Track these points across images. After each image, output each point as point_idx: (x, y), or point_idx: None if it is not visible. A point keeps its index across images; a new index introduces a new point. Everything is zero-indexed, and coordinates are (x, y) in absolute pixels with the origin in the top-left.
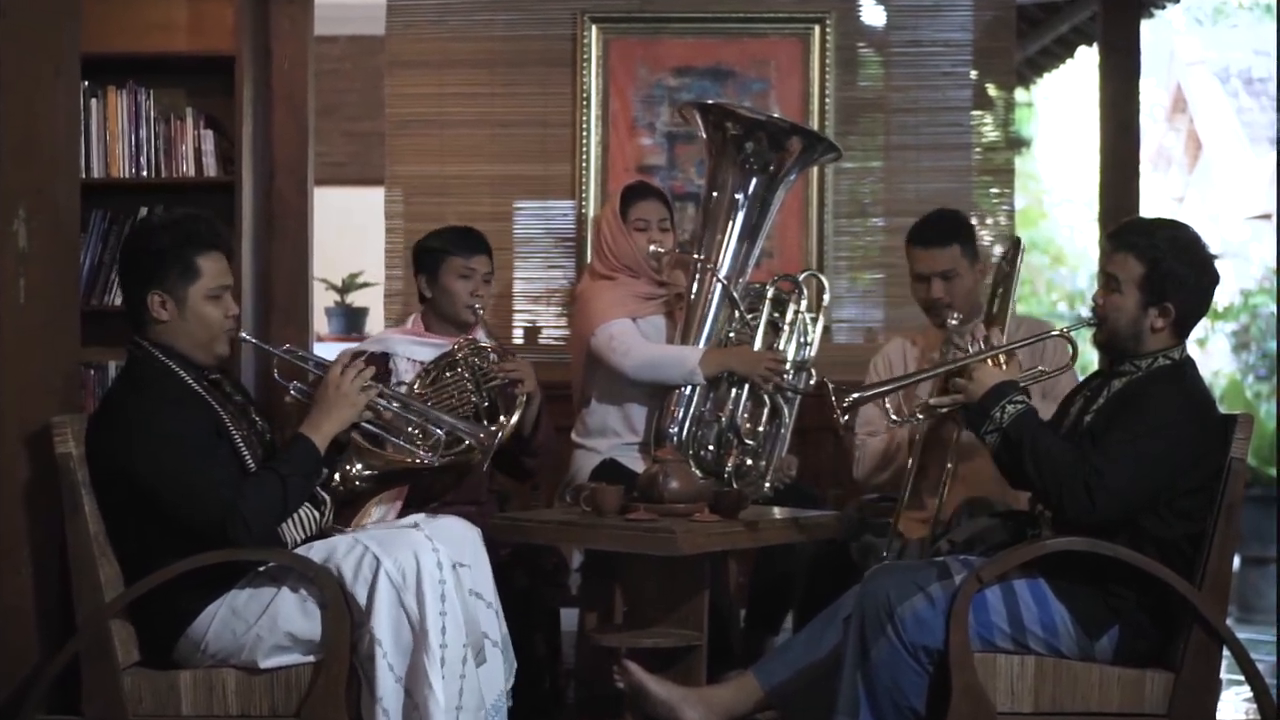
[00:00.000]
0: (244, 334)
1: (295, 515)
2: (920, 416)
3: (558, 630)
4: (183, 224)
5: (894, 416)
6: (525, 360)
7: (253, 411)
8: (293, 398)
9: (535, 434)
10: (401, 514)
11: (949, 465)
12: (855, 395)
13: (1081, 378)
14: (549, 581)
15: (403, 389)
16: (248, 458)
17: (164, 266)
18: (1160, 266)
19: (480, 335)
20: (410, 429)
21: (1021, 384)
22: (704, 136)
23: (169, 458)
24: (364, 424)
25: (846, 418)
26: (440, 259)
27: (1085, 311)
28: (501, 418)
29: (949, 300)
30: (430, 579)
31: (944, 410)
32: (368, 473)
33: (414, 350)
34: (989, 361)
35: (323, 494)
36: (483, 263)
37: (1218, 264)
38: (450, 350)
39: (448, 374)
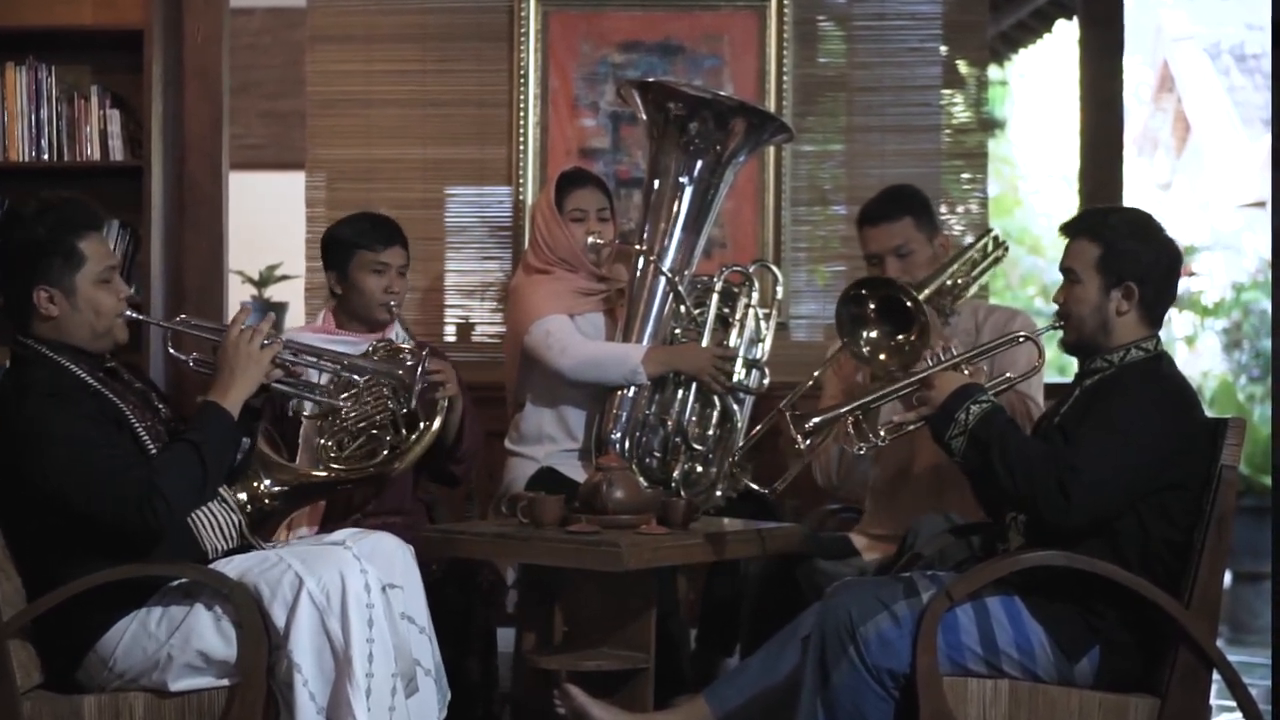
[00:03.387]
0: (130, 312)
1: (214, 521)
2: (885, 438)
3: (494, 653)
4: (55, 210)
5: (858, 443)
6: (446, 361)
7: (156, 399)
8: (193, 370)
9: (460, 440)
10: (323, 528)
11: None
12: (815, 420)
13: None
14: (485, 600)
15: (318, 393)
16: (152, 449)
17: (45, 258)
18: (1115, 245)
19: (397, 331)
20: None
21: (988, 389)
22: (644, 118)
23: (70, 456)
24: (275, 384)
25: (808, 442)
26: (350, 253)
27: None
28: (422, 424)
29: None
30: (357, 602)
31: (911, 428)
32: (277, 489)
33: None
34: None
35: (241, 498)
36: (396, 255)
37: (1208, 256)
38: (365, 353)
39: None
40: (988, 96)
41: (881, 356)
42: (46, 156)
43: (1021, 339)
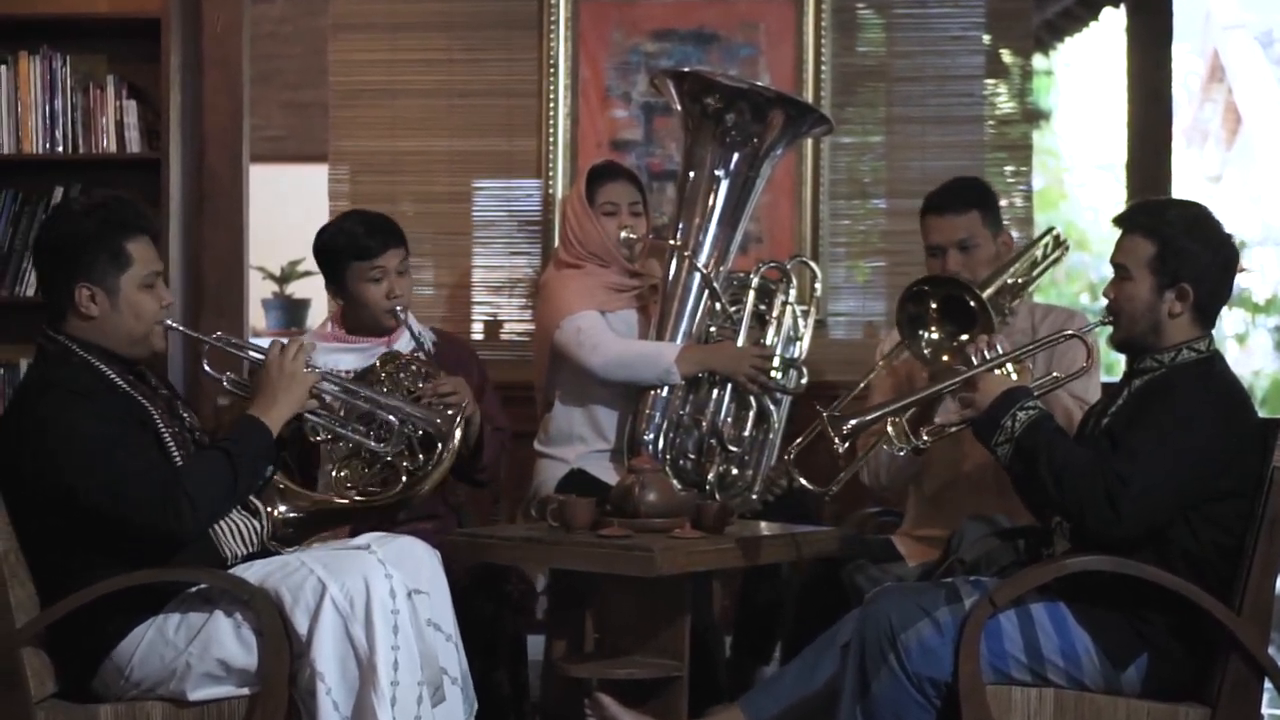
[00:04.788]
0: (169, 321)
1: (235, 526)
2: (928, 440)
3: (524, 661)
4: (106, 207)
5: (899, 445)
6: (457, 378)
7: (180, 407)
8: (227, 391)
9: (480, 453)
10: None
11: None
12: (854, 422)
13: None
14: (515, 608)
15: (350, 429)
16: (176, 456)
17: (90, 255)
18: (1172, 244)
19: (411, 329)
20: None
21: (1036, 392)
22: (679, 109)
23: (93, 454)
24: (308, 414)
25: (847, 446)
26: (344, 264)
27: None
28: (439, 446)
29: (968, 276)
30: (381, 608)
31: (954, 430)
32: (293, 515)
33: (337, 359)
34: (997, 370)
35: (258, 504)
36: (392, 257)
37: (1259, 251)
38: (372, 368)
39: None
40: (1032, 86)
41: (944, 357)
42: (61, 149)
43: (1066, 337)
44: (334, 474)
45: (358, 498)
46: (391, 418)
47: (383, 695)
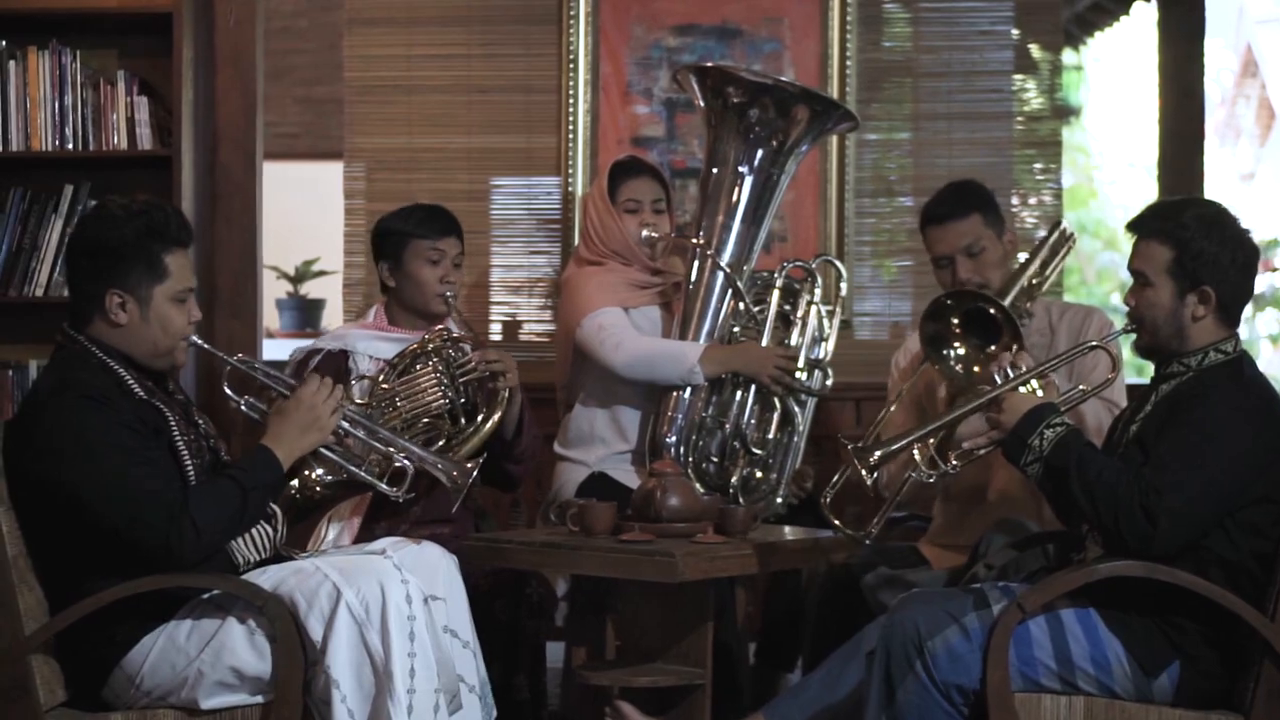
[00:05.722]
0: (194, 337)
1: (249, 532)
2: (957, 465)
3: (543, 668)
4: (148, 214)
5: (928, 472)
6: (507, 352)
7: (196, 414)
8: (245, 414)
9: (519, 437)
10: (362, 531)
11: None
12: (880, 453)
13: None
14: (534, 612)
15: (366, 384)
16: (190, 465)
17: (127, 264)
18: (1190, 247)
19: (451, 328)
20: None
21: (1062, 407)
22: (702, 104)
23: (102, 464)
24: (322, 449)
25: (875, 477)
26: (404, 242)
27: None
28: (481, 415)
29: (981, 281)
30: (397, 614)
31: (982, 452)
32: (330, 478)
33: (377, 347)
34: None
35: (274, 507)
36: (452, 244)
37: None
38: (420, 340)
39: (418, 367)
40: (1062, 82)
41: (975, 370)
42: (71, 146)
43: (1090, 347)
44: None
45: (390, 491)
46: (407, 462)
47: (399, 703)
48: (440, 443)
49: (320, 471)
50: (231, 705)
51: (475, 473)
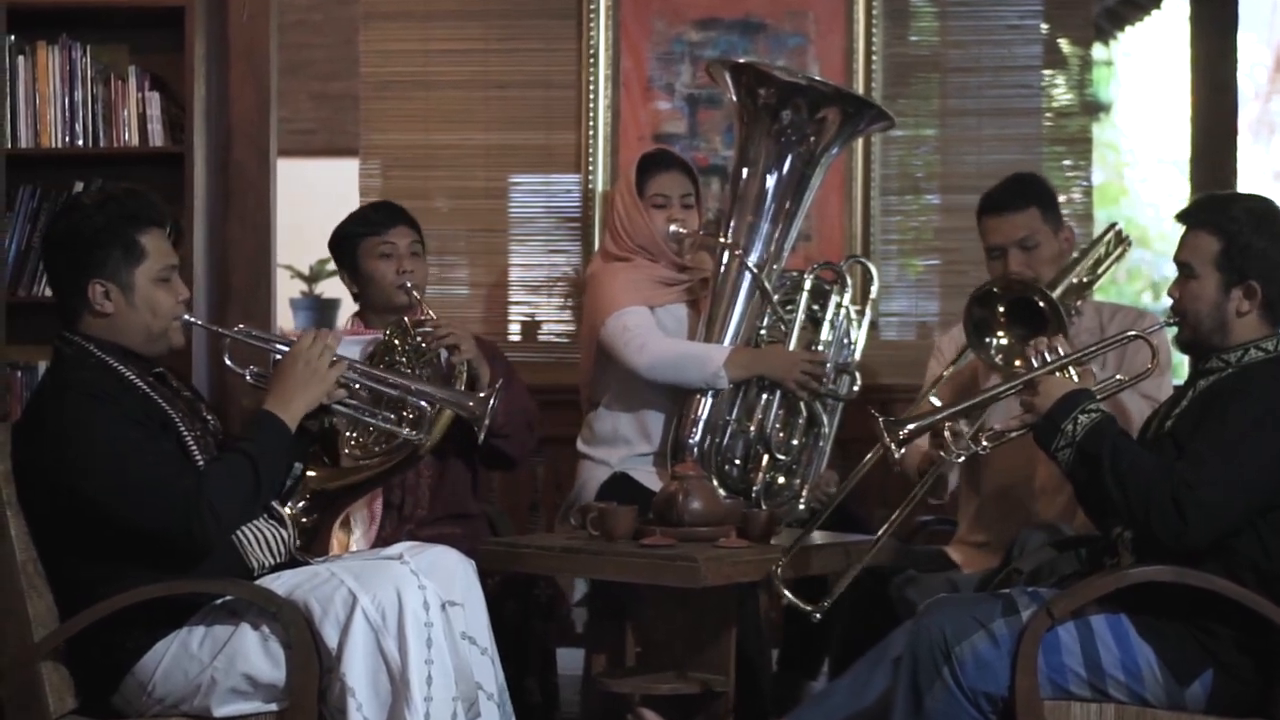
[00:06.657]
0: (187, 315)
1: (261, 535)
2: (988, 445)
3: (553, 670)
4: (116, 199)
5: (956, 452)
6: (458, 321)
7: (204, 409)
8: (250, 386)
9: (492, 409)
10: (381, 541)
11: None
12: (910, 426)
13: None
14: (543, 613)
15: (381, 419)
16: (199, 460)
17: (103, 249)
18: (1238, 240)
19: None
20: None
21: (1099, 395)
22: (734, 100)
23: (112, 460)
24: (335, 404)
25: (902, 452)
26: (355, 244)
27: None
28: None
29: (1032, 276)
30: (414, 621)
31: (1014, 435)
32: (301, 504)
33: (351, 350)
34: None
35: (281, 511)
36: (402, 234)
37: None
38: (388, 343)
39: (388, 359)
40: (1092, 77)
41: (1017, 362)
42: (81, 142)
43: (1130, 338)
44: (344, 450)
45: (367, 463)
46: (423, 403)
47: (416, 711)
48: (406, 430)
49: (353, 435)
50: (245, 713)
51: (493, 401)
